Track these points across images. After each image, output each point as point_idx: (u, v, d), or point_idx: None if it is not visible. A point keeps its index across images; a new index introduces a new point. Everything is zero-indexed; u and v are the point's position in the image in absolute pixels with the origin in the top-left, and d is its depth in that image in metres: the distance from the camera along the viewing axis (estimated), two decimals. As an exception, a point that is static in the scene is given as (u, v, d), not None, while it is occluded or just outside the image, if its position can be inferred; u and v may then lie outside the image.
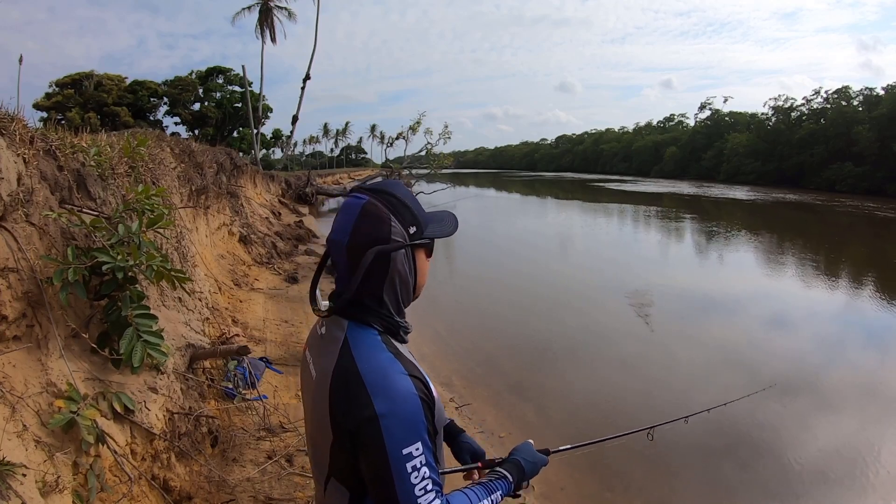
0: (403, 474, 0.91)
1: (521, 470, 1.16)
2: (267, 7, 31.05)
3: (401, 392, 0.93)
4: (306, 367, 1.11)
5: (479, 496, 1.06)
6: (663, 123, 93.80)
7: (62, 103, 37.91)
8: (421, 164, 29.82)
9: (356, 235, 0.99)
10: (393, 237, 1.00)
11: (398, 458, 0.91)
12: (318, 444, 1.03)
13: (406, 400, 0.93)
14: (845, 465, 4.07)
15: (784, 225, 23.03)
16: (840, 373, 5.97)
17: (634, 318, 7.94)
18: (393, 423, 0.91)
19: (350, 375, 0.95)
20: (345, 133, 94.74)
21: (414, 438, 0.93)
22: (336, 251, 1.01)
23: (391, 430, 0.91)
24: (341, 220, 1.01)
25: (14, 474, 1.45)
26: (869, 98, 49.12)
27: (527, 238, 17.41)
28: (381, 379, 0.94)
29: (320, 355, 1.04)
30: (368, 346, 0.99)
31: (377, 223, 0.99)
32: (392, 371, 0.96)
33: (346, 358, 0.97)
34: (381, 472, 0.92)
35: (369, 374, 0.95)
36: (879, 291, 10.19)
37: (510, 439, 4.33)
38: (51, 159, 2.25)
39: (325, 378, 0.99)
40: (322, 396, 0.99)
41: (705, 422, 4.91)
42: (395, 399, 0.93)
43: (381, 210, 1.00)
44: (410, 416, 0.93)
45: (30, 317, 1.88)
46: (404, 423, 0.92)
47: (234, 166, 11.38)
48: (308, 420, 1.10)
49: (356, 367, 0.96)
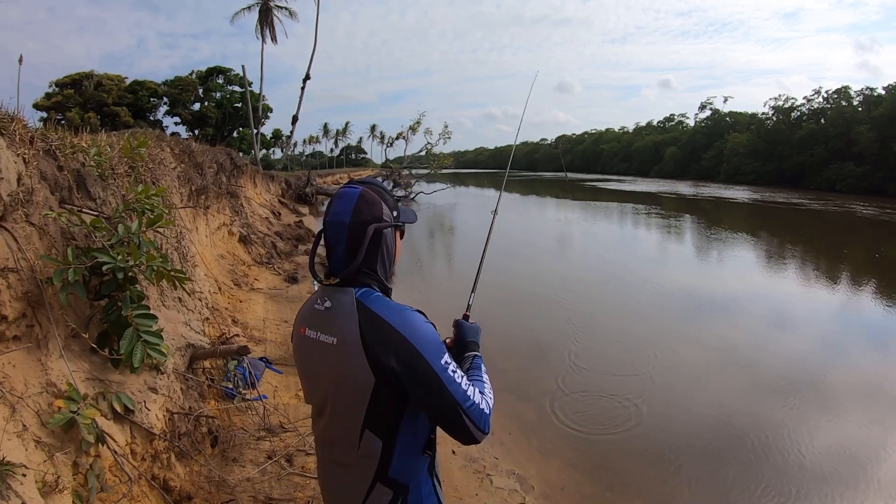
0: (450, 378, 1.15)
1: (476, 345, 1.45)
2: (267, 7, 31.03)
3: (420, 323, 1.17)
4: (311, 344, 1.22)
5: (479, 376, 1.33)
6: (663, 123, 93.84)
7: (62, 103, 37.89)
8: (421, 164, 29.84)
9: (357, 215, 1.19)
10: (384, 218, 1.23)
11: (441, 368, 1.14)
12: (351, 402, 1.17)
13: (426, 327, 1.17)
14: (848, 465, 4.07)
15: (782, 226, 23.04)
16: (842, 373, 5.96)
17: (635, 317, 7.94)
18: (427, 345, 1.14)
19: (378, 323, 1.14)
20: (345, 133, 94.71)
21: (444, 350, 1.17)
22: (335, 231, 1.20)
23: (429, 350, 1.14)
24: (340, 204, 1.20)
25: (14, 474, 1.45)
26: (869, 98, 49.11)
27: (526, 237, 17.40)
28: (402, 318, 1.16)
29: (334, 324, 1.18)
30: (379, 300, 1.19)
31: (373, 205, 1.21)
32: (406, 311, 1.18)
33: (366, 312, 1.16)
34: (434, 384, 1.14)
35: (392, 317, 1.15)
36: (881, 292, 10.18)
37: (510, 439, 4.33)
38: (51, 159, 2.24)
39: (352, 336, 1.15)
40: (349, 353, 1.15)
41: (706, 422, 4.93)
42: (420, 328, 1.16)
43: (373, 196, 1.23)
44: (434, 336, 1.17)
45: (30, 317, 1.88)
46: (434, 343, 1.16)
47: (234, 166, 11.37)
48: (328, 388, 1.21)
49: (379, 316, 1.15)
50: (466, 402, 1.16)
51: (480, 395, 1.21)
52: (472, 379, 1.28)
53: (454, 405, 1.15)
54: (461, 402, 1.15)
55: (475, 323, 1.52)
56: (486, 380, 1.32)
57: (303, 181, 23.58)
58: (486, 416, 1.20)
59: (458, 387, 1.16)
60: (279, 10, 31.32)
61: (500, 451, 4.09)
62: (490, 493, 3.41)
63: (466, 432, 1.17)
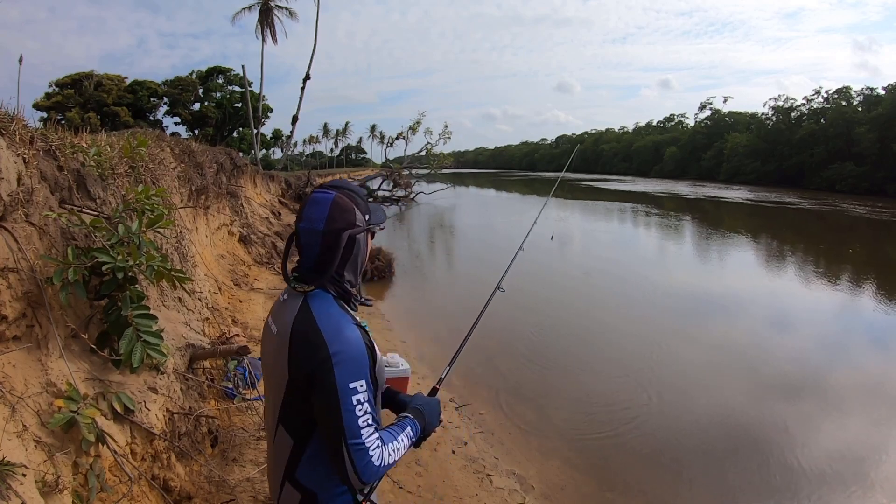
0: (350, 405, 1.09)
1: (420, 413, 1.32)
2: (267, 7, 31.00)
3: (350, 337, 1.13)
4: (268, 330, 1.27)
5: (395, 432, 1.23)
6: (663, 123, 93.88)
7: (62, 103, 37.87)
8: (421, 164, 29.82)
9: (331, 223, 1.19)
10: (357, 222, 1.23)
11: (346, 390, 1.09)
12: (273, 394, 1.20)
13: (354, 343, 1.13)
14: (849, 465, 4.06)
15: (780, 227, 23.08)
16: (844, 373, 5.96)
17: (635, 316, 7.94)
18: (343, 361, 1.10)
19: (308, 324, 1.14)
20: (345, 133, 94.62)
21: (360, 376, 1.11)
22: (308, 236, 1.20)
23: (341, 367, 1.09)
24: (314, 210, 1.20)
25: (14, 474, 1.45)
26: (869, 98, 49.11)
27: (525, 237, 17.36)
28: (333, 326, 1.14)
29: (282, 315, 1.21)
30: (323, 303, 1.19)
31: (347, 212, 1.21)
32: (343, 321, 1.16)
33: (304, 312, 1.17)
34: (331, 403, 1.09)
35: (324, 323, 1.14)
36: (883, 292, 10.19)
37: (511, 440, 4.33)
38: (51, 159, 2.24)
39: (285, 330, 1.17)
40: (282, 345, 1.16)
41: (707, 422, 4.92)
42: (345, 342, 1.12)
43: (347, 202, 1.22)
44: (357, 356, 1.12)
45: (30, 317, 1.88)
46: (352, 362, 1.11)
47: (234, 166, 11.36)
48: (267, 377, 1.26)
49: (313, 318, 1.15)
50: (354, 439, 1.09)
51: (380, 445, 1.13)
52: (386, 430, 1.21)
53: (340, 434, 1.09)
54: (349, 435, 1.09)
55: (436, 398, 1.41)
56: (401, 445, 1.21)
57: (303, 181, 23.56)
58: (373, 468, 1.11)
59: (353, 418, 1.09)
60: (279, 10, 31.29)
61: (500, 451, 4.09)
62: (490, 493, 3.40)
63: (342, 468, 1.10)
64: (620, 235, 18.98)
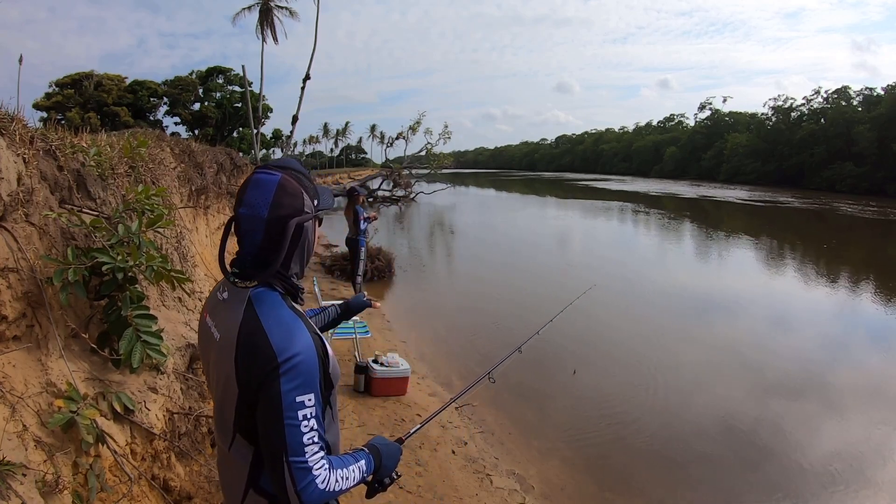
0: (294, 420, 0.99)
1: (376, 449, 1.21)
2: (267, 7, 31.00)
3: (302, 346, 1.01)
4: (207, 332, 1.17)
5: (347, 461, 1.11)
6: (663, 123, 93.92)
7: (62, 103, 37.89)
8: (421, 164, 29.78)
9: (276, 209, 1.06)
10: (305, 209, 1.10)
11: (292, 404, 0.98)
12: (225, 403, 1.09)
13: (305, 353, 1.01)
14: (851, 465, 4.06)
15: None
16: (846, 373, 5.96)
17: (635, 316, 7.94)
18: (292, 373, 0.99)
19: (255, 331, 1.02)
20: (345, 133, 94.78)
21: (309, 389, 1.00)
22: (250, 223, 1.07)
23: (289, 379, 0.99)
24: (256, 195, 1.07)
25: (14, 474, 1.45)
26: (869, 98, 49.15)
27: (526, 237, 17.40)
28: (284, 334, 1.02)
29: (224, 318, 1.10)
30: (272, 305, 1.07)
31: (294, 197, 1.08)
32: (295, 327, 1.04)
33: (251, 317, 1.05)
34: (275, 416, 0.99)
35: (274, 330, 1.02)
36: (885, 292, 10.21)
37: (511, 440, 4.33)
38: (51, 159, 2.24)
39: (230, 337, 1.05)
40: (227, 355, 1.05)
41: (708, 422, 4.91)
42: (296, 352, 1.00)
43: (294, 185, 1.09)
44: (308, 368, 1.01)
45: (30, 317, 1.88)
46: (302, 374, 1.00)
47: (234, 166, 11.35)
48: (212, 382, 1.16)
49: (261, 324, 1.03)
50: (296, 457, 0.99)
51: (327, 468, 1.03)
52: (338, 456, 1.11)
53: (281, 448, 0.99)
54: (290, 451, 0.99)
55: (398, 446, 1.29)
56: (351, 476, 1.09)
57: (303, 181, 23.52)
58: (317, 490, 1.00)
59: (297, 434, 0.99)
60: (279, 10, 31.30)
61: (500, 451, 4.09)
62: (490, 493, 3.40)
63: (282, 484, 0.99)
64: (618, 235, 18.98)
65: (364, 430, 3.91)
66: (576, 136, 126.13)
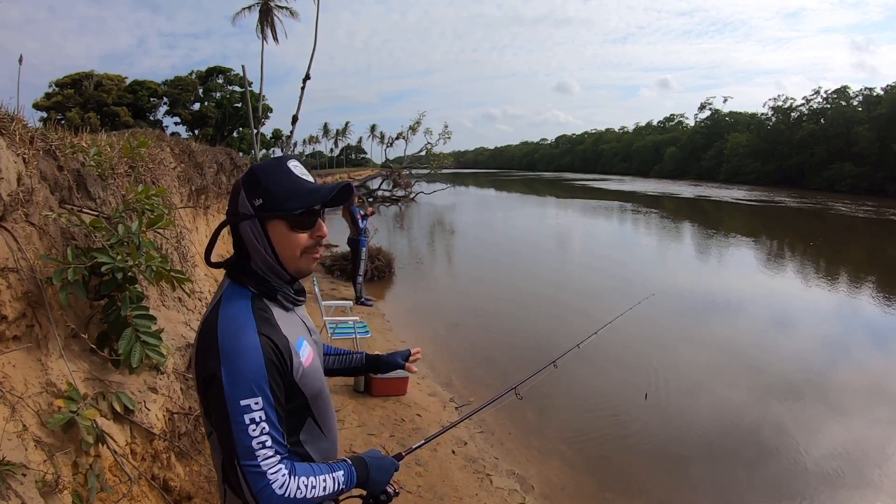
0: (241, 424, 0.96)
1: (363, 463, 1.16)
2: (267, 6, 30.98)
3: (245, 347, 0.99)
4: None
5: (318, 470, 1.07)
6: (663, 123, 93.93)
7: (62, 103, 37.89)
8: (421, 164, 29.77)
9: (230, 209, 1.11)
10: (239, 209, 1.08)
11: (236, 407, 0.96)
12: (201, 399, 1.09)
13: (246, 355, 0.98)
14: (853, 465, 4.05)
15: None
16: (847, 373, 5.96)
17: (636, 315, 7.93)
18: (233, 375, 0.97)
19: (209, 330, 1.03)
20: (345, 133, 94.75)
21: (252, 393, 0.97)
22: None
23: (231, 381, 0.97)
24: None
25: (14, 474, 1.45)
26: (869, 98, 49.16)
27: (525, 236, 17.39)
28: (231, 334, 1.00)
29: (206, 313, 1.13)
30: (234, 304, 1.06)
31: (233, 197, 1.10)
32: (244, 327, 1.02)
33: (212, 314, 1.05)
34: (222, 419, 0.98)
35: (223, 329, 1.01)
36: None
37: (510, 439, 4.33)
38: (51, 159, 2.24)
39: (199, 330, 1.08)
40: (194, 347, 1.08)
41: (709, 422, 4.91)
42: (238, 353, 0.98)
43: (237, 185, 1.09)
44: (252, 370, 0.98)
45: (30, 317, 1.88)
46: (244, 376, 0.97)
47: (234, 166, 11.33)
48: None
49: (216, 323, 1.03)
50: (248, 460, 0.97)
51: (285, 473, 0.99)
52: (308, 464, 1.08)
53: (232, 452, 0.98)
54: (241, 455, 0.97)
55: (391, 460, 1.24)
56: (320, 485, 1.04)
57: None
58: (273, 495, 0.97)
59: (246, 439, 0.97)
60: (279, 10, 31.28)
61: (500, 451, 4.09)
62: (490, 493, 3.40)
63: (239, 487, 0.98)
64: (617, 235, 18.97)
65: (364, 431, 3.91)
66: (576, 136, 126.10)
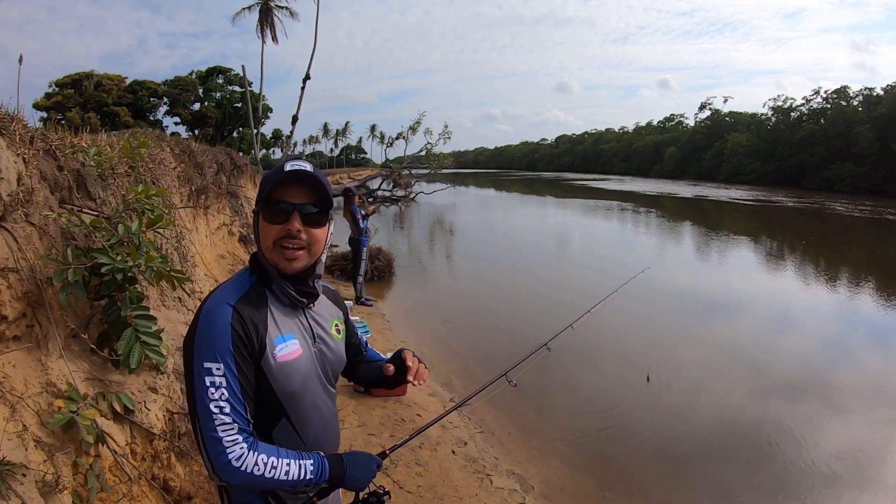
0: (202, 386, 1.02)
1: (338, 458, 1.16)
2: (267, 6, 30.98)
3: (215, 315, 1.07)
4: None
5: (287, 454, 1.09)
6: (663, 123, 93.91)
7: (62, 103, 37.89)
8: (421, 164, 29.77)
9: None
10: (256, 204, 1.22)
11: (199, 369, 1.02)
12: None
13: (214, 321, 1.06)
14: (854, 465, 4.05)
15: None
16: (848, 373, 5.96)
17: (636, 315, 7.93)
18: (199, 337, 1.05)
19: (202, 303, 1.13)
20: (345, 133, 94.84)
21: (214, 357, 1.03)
22: None
23: (197, 344, 1.04)
24: None
25: (14, 474, 1.45)
26: (869, 98, 49.15)
27: (525, 236, 17.39)
28: (210, 301, 1.10)
29: None
30: (231, 283, 1.18)
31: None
32: (221, 297, 1.12)
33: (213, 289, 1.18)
34: (189, 387, 1.05)
35: (209, 301, 1.11)
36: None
37: (510, 439, 4.33)
38: (51, 159, 2.24)
39: None
40: None
41: (709, 421, 4.91)
42: (208, 320, 1.07)
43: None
44: (213, 335, 1.04)
45: (30, 317, 1.88)
46: (208, 340, 1.04)
47: (234, 166, 11.33)
48: None
49: (209, 296, 1.14)
50: (206, 422, 1.01)
51: (244, 446, 1.01)
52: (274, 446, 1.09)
53: (195, 416, 1.02)
54: (201, 418, 1.01)
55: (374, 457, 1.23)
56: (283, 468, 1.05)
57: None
58: (230, 466, 0.99)
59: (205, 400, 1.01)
60: (279, 10, 31.28)
61: (500, 451, 4.09)
62: (490, 493, 3.40)
63: (204, 454, 1.02)
64: (617, 234, 18.97)
65: (364, 431, 3.91)
66: (576, 136, 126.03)
